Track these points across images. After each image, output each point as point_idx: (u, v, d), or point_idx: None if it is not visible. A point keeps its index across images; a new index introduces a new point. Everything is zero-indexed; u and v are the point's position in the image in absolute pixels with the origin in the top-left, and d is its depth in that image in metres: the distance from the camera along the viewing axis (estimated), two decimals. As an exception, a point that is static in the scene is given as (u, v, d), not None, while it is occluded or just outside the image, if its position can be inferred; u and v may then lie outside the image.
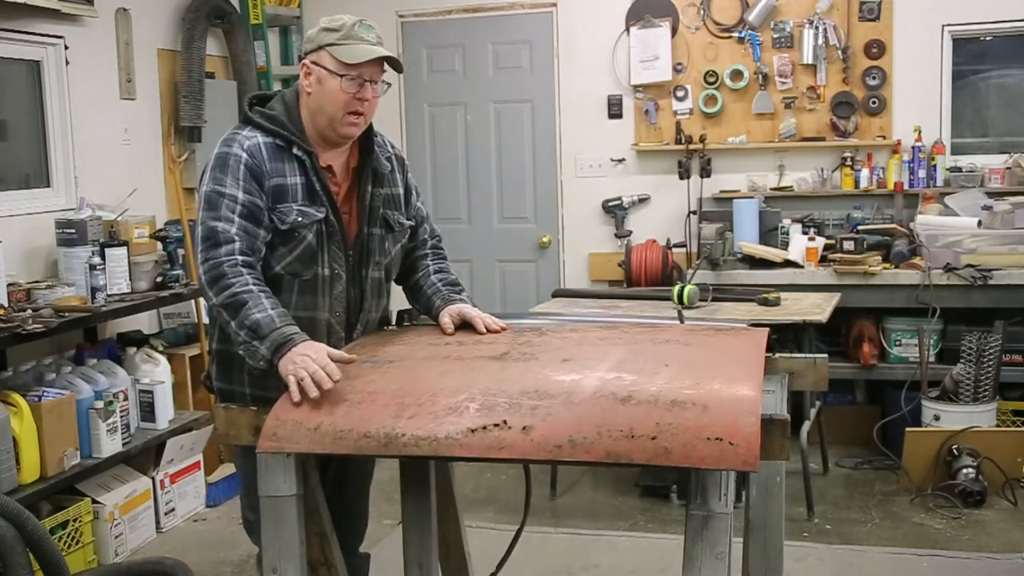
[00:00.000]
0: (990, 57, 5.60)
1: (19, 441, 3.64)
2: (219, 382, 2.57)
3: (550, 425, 1.88)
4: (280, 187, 2.43)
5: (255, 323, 2.27)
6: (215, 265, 2.33)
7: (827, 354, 2.62)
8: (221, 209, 2.37)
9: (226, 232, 2.35)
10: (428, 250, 2.75)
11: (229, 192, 2.38)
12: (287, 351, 2.22)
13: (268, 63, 5.96)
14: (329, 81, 2.42)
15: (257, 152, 2.43)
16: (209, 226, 2.36)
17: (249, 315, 2.28)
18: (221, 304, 2.32)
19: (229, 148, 2.43)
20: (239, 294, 2.30)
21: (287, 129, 2.46)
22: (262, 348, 2.25)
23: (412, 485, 2.68)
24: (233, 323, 2.30)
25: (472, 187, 6.23)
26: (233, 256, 2.34)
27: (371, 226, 2.57)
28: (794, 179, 5.67)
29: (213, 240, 2.35)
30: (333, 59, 2.41)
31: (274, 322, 2.27)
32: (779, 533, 2.33)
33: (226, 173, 2.40)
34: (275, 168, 2.44)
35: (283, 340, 2.24)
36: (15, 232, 4.23)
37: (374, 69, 2.45)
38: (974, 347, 4.68)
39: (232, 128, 2.51)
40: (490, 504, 4.60)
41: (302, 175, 2.46)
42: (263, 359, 2.26)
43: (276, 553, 2.11)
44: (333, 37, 2.42)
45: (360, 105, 2.44)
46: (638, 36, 5.78)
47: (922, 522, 4.32)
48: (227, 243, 2.35)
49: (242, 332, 2.28)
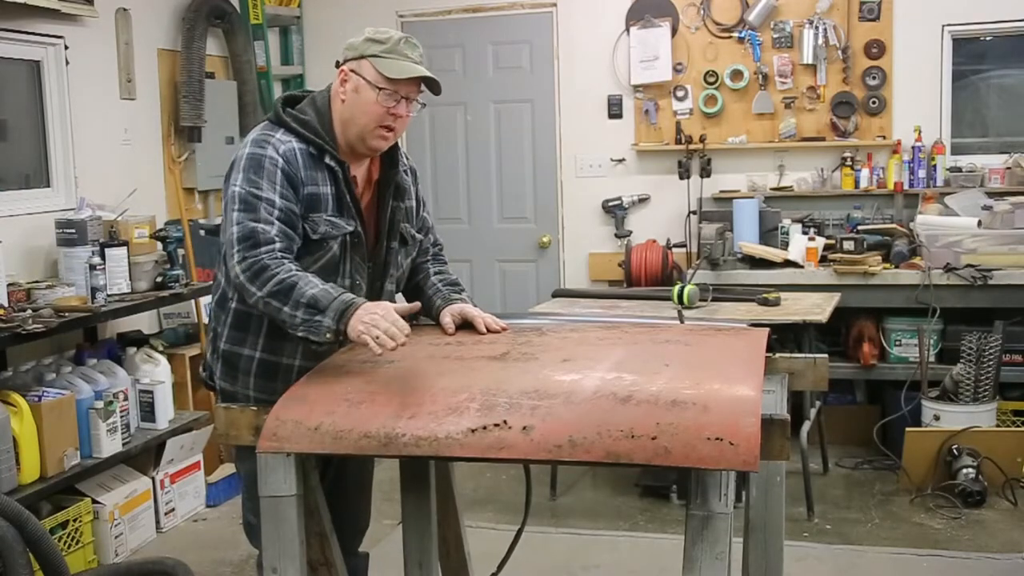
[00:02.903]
0: (990, 57, 5.61)
1: (19, 441, 3.64)
2: (223, 382, 2.56)
3: (550, 425, 1.88)
4: (314, 196, 2.40)
5: (312, 298, 2.24)
6: (256, 261, 2.29)
7: (827, 354, 2.62)
8: (260, 211, 2.33)
9: (266, 232, 2.31)
10: (430, 256, 2.76)
11: (266, 196, 2.34)
12: (351, 315, 2.20)
13: (268, 63, 5.96)
14: (367, 92, 2.40)
15: (293, 159, 2.39)
16: (249, 227, 2.31)
17: (304, 293, 2.24)
18: (269, 294, 2.27)
19: (263, 150, 2.38)
20: (286, 279, 2.26)
21: (321, 137, 2.43)
22: (325, 320, 2.22)
23: (412, 485, 2.68)
24: (286, 308, 2.25)
25: (472, 187, 6.23)
26: (273, 251, 2.31)
27: (390, 240, 2.56)
28: (794, 179, 5.67)
29: (253, 240, 2.31)
30: (375, 71, 2.39)
31: (330, 293, 2.25)
32: (779, 533, 2.34)
33: (261, 176, 2.35)
34: (309, 176, 2.40)
35: (344, 306, 2.22)
36: (15, 232, 4.23)
37: (412, 87, 2.43)
38: (974, 347, 4.68)
39: (261, 128, 2.46)
40: (490, 504, 4.60)
41: (333, 185, 2.43)
42: (328, 331, 2.22)
43: (276, 553, 2.11)
44: (378, 49, 2.39)
45: (393, 120, 2.43)
46: (638, 36, 5.78)
47: (922, 522, 4.32)
48: (267, 243, 2.31)
49: (299, 312, 2.24)
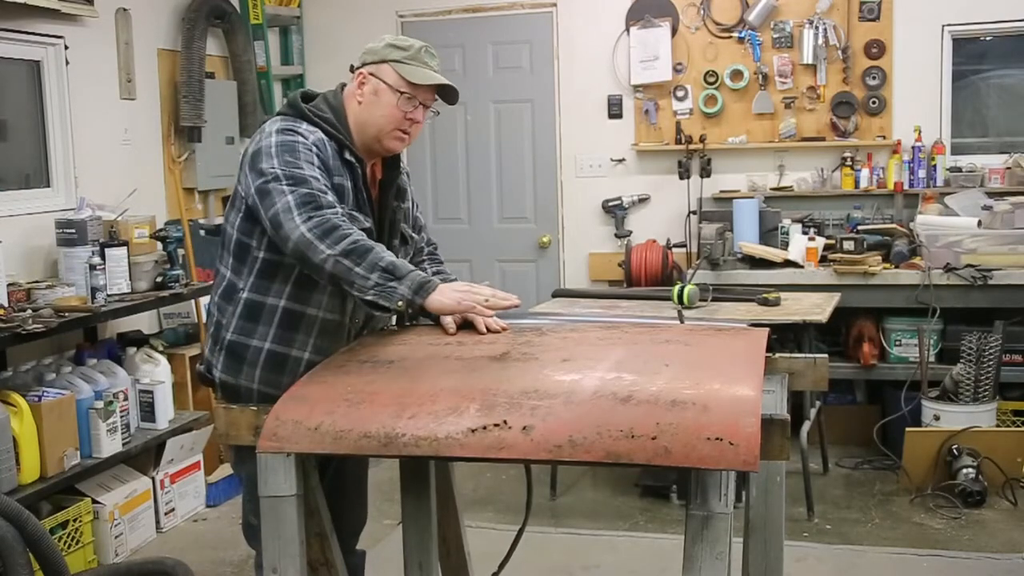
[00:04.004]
0: (990, 57, 5.61)
1: (19, 441, 3.65)
2: (225, 375, 2.52)
3: (550, 425, 1.88)
4: (341, 187, 2.44)
5: (391, 264, 2.26)
6: (323, 220, 2.28)
7: (827, 354, 2.62)
8: (311, 183, 2.33)
9: (324, 196, 2.32)
10: (425, 256, 2.78)
11: (310, 174, 2.35)
12: (432, 290, 2.26)
13: (268, 63, 5.96)
14: (386, 95, 2.45)
15: (323, 147, 2.42)
16: (306, 192, 2.30)
17: (382, 257, 2.26)
18: (343, 252, 2.25)
19: (293, 137, 2.39)
20: (361, 240, 2.27)
21: (341, 132, 2.47)
22: (401, 287, 2.25)
23: (412, 485, 2.68)
24: (358, 268, 2.25)
25: (472, 187, 6.23)
26: (337, 212, 2.32)
27: (392, 238, 2.60)
28: (794, 179, 5.67)
29: (315, 203, 2.30)
30: (397, 75, 2.44)
31: (408, 265, 2.31)
32: (779, 533, 2.33)
33: (299, 158, 2.36)
34: (336, 167, 2.44)
35: (424, 280, 2.28)
36: (15, 232, 4.23)
37: (430, 94, 2.49)
38: (974, 347, 4.69)
39: (280, 120, 2.47)
40: (490, 504, 4.60)
41: (351, 180, 2.47)
42: (402, 298, 2.25)
43: (276, 553, 2.10)
44: (400, 55, 2.45)
45: (409, 125, 2.47)
46: (638, 36, 5.78)
47: (922, 522, 4.32)
48: (329, 206, 2.31)
49: (373, 275, 2.25)
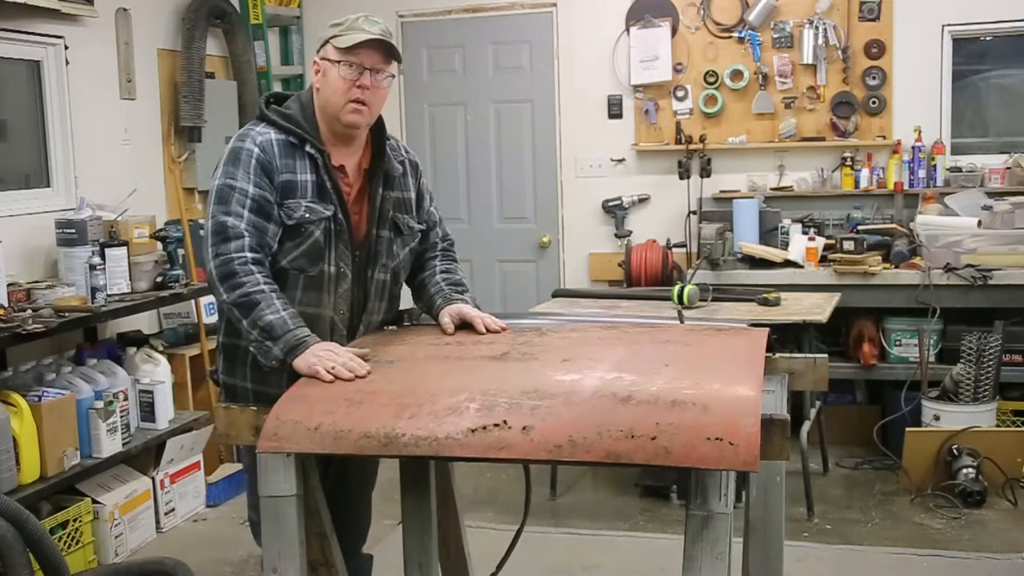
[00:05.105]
0: (990, 57, 5.60)
1: (19, 441, 3.64)
2: (224, 375, 2.60)
3: (550, 425, 1.88)
4: (290, 183, 2.46)
5: (268, 324, 2.30)
6: (225, 261, 2.36)
7: (827, 354, 2.62)
8: (232, 204, 2.40)
9: (236, 227, 2.38)
10: (438, 252, 2.78)
11: (240, 186, 2.41)
12: (302, 352, 2.25)
13: (268, 63, 5.96)
14: (331, 71, 2.48)
15: (269, 148, 2.46)
16: (219, 220, 2.39)
17: (262, 316, 2.31)
18: (232, 303, 2.35)
19: (242, 143, 2.47)
20: (251, 294, 2.33)
21: (300, 127, 2.50)
22: (275, 349, 2.29)
23: (412, 485, 2.68)
24: (245, 322, 2.33)
25: (472, 187, 6.23)
26: (243, 253, 2.36)
27: (380, 228, 2.59)
28: (794, 179, 5.67)
29: (223, 235, 2.38)
30: (334, 48, 2.47)
31: (287, 324, 2.31)
32: (779, 533, 2.34)
33: (238, 167, 2.44)
34: (285, 164, 2.47)
35: (297, 342, 2.28)
36: (15, 232, 4.22)
37: (374, 57, 2.47)
38: (974, 347, 4.68)
39: (248, 124, 2.56)
40: (490, 504, 4.60)
41: (313, 173, 2.49)
42: (275, 359, 2.29)
43: (276, 553, 2.11)
44: (336, 30, 2.49)
45: (361, 93, 2.46)
46: (638, 36, 5.78)
47: (922, 522, 4.32)
48: (236, 238, 2.37)
49: (254, 332, 2.32)
